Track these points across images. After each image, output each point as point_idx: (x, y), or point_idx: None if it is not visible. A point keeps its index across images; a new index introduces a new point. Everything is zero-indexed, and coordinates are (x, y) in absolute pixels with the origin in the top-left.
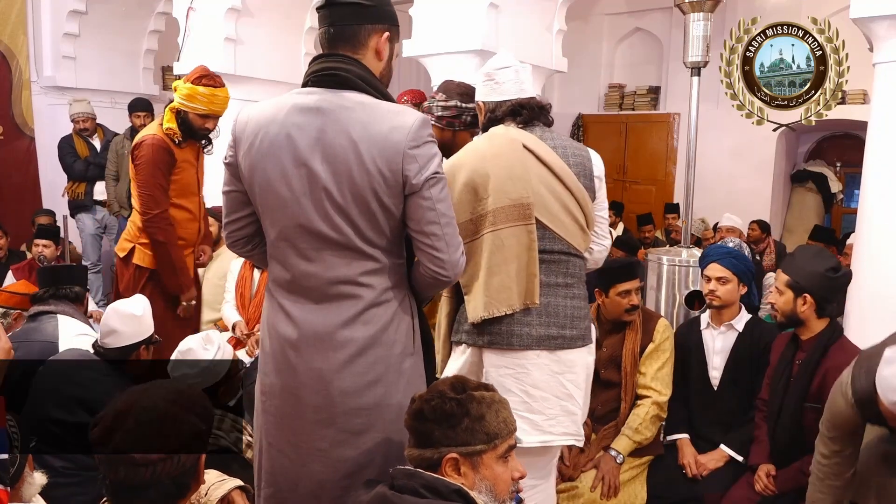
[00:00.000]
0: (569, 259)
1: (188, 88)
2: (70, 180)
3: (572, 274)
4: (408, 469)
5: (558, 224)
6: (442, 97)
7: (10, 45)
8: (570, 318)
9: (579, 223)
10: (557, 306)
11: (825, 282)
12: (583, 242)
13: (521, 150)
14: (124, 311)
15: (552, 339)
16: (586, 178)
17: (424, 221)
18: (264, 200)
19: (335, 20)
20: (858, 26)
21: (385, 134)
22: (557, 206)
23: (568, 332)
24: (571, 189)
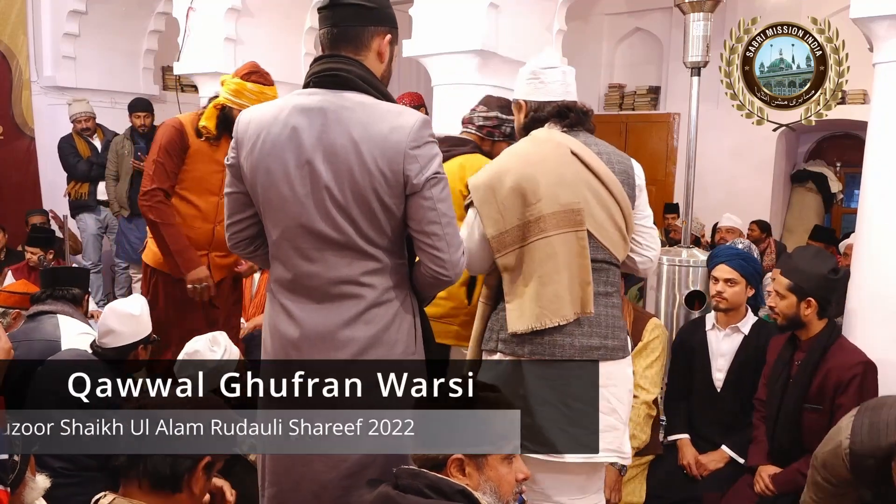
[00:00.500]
0: (609, 268)
1: (236, 84)
2: (73, 180)
3: (612, 283)
4: (412, 469)
5: (603, 233)
6: (483, 108)
7: (10, 45)
8: (611, 327)
9: (622, 232)
10: (599, 315)
11: (828, 284)
12: (623, 251)
13: (568, 155)
14: (122, 311)
15: (595, 350)
16: (629, 186)
17: (426, 221)
18: (266, 201)
19: (338, 21)
20: (858, 26)
21: (386, 134)
22: (603, 214)
23: (610, 342)
24: (616, 197)
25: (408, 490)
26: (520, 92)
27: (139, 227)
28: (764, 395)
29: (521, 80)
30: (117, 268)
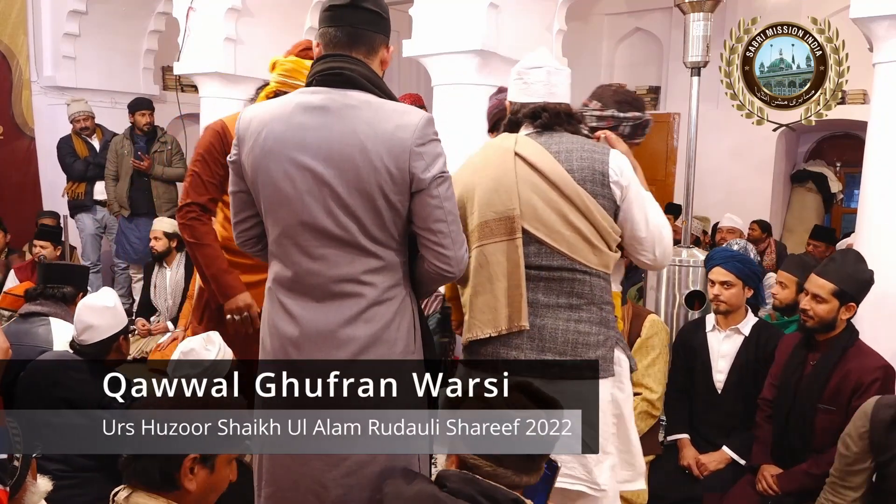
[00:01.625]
0: (574, 276)
1: (292, 62)
2: (70, 180)
3: (580, 294)
4: (463, 473)
5: (556, 237)
6: (596, 105)
7: (10, 45)
8: (571, 343)
9: (583, 235)
10: (556, 330)
11: (867, 289)
12: (594, 257)
13: (511, 158)
14: (96, 305)
15: (547, 368)
16: (594, 183)
17: (432, 219)
18: (267, 198)
19: (356, 22)
20: (858, 26)
21: (391, 132)
22: (554, 216)
23: (569, 359)
24: (570, 197)
25: (458, 495)
26: (509, 93)
27: (139, 226)
28: (770, 395)
29: (510, 80)
30: (117, 268)
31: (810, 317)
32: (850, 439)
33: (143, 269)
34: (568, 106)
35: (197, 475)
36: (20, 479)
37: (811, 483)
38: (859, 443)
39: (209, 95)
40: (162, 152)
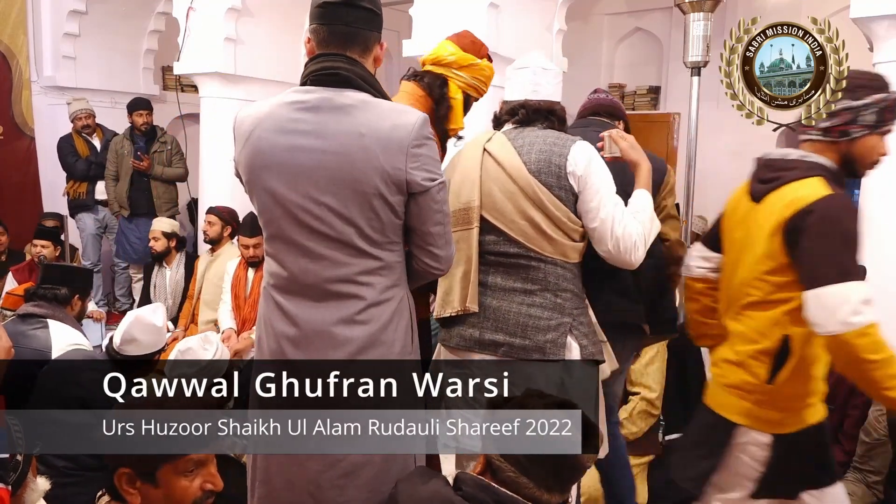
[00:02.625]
0: (530, 263)
1: (487, 68)
2: (71, 180)
3: (535, 280)
4: (479, 479)
5: (513, 227)
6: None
7: (10, 45)
8: (521, 326)
9: (536, 224)
10: (509, 312)
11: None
12: (549, 246)
13: (480, 153)
14: (148, 322)
15: (497, 346)
16: (551, 175)
17: (431, 222)
18: (261, 198)
19: (351, 21)
20: (858, 26)
21: (387, 132)
22: (511, 207)
23: (518, 340)
24: (523, 188)
25: (472, 500)
26: (504, 94)
27: (139, 227)
28: None
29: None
30: (117, 268)
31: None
32: (869, 426)
33: (142, 269)
34: (551, 103)
35: (140, 489)
36: (21, 476)
37: None
38: (879, 428)
39: (209, 95)
40: (162, 152)
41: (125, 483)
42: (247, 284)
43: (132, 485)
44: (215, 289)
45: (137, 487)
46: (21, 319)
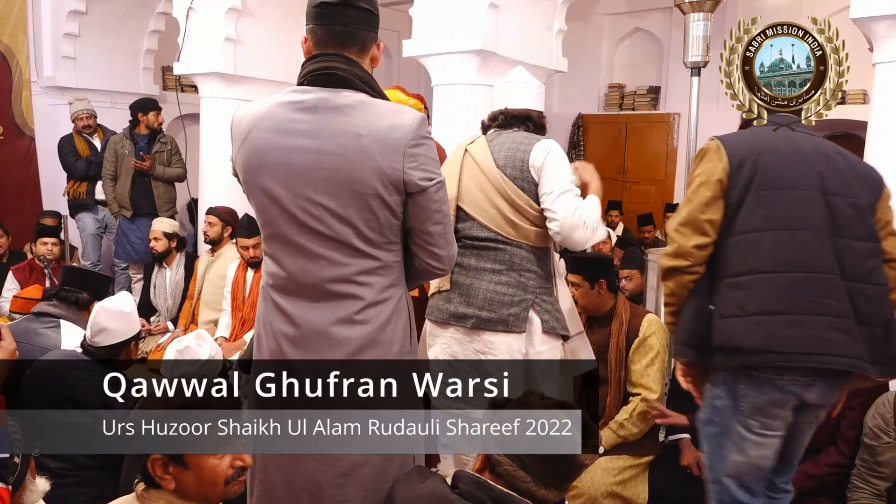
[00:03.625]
0: (498, 246)
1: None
2: (71, 180)
3: (502, 261)
4: (476, 477)
5: (483, 214)
6: None
7: (10, 45)
8: (489, 301)
9: (503, 213)
10: (479, 289)
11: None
12: (513, 231)
13: (461, 153)
14: (113, 309)
15: (467, 318)
16: (516, 168)
17: (430, 222)
18: (258, 198)
19: (349, 21)
20: (858, 26)
21: (385, 132)
22: (482, 197)
23: (485, 314)
24: (491, 181)
25: (469, 498)
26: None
27: (140, 227)
28: None
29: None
30: (117, 268)
31: None
32: (877, 430)
33: (142, 269)
34: (528, 110)
35: (174, 474)
36: (20, 477)
37: (811, 484)
38: (888, 431)
39: (209, 95)
40: (162, 152)
41: (159, 469)
42: (245, 286)
43: (165, 470)
44: (216, 289)
45: (171, 472)
46: (35, 317)
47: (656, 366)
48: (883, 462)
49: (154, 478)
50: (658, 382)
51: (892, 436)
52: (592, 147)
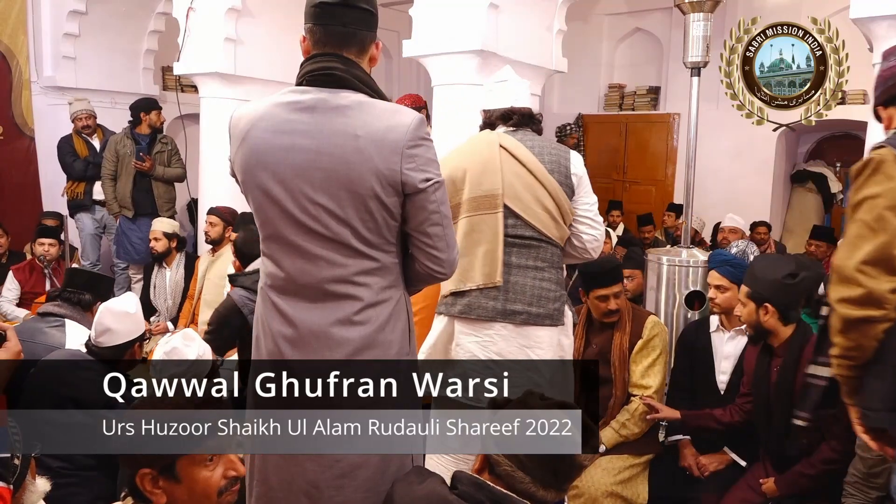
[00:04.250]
0: (540, 245)
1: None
2: (70, 180)
3: (544, 258)
4: (475, 478)
5: (530, 213)
6: None
7: (10, 45)
8: (536, 297)
9: (551, 213)
10: (525, 286)
11: (784, 289)
12: (556, 231)
13: (497, 149)
14: (118, 310)
15: (517, 315)
16: (561, 174)
17: (428, 223)
18: (256, 198)
19: (348, 22)
20: (858, 26)
21: (383, 133)
22: (529, 197)
23: (534, 309)
24: (543, 182)
25: (468, 499)
26: (482, 103)
27: (141, 227)
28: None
29: (483, 94)
30: (116, 268)
31: (742, 323)
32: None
33: (142, 269)
34: (530, 109)
35: (164, 488)
36: (20, 478)
37: (808, 483)
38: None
39: (209, 96)
40: (163, 153)
41: (148, 484)
42: None
43: (155, 485)
44: (216, 289)
45: (161, 486)
46: (40, 317)
47: (658, 367)
48: (875, 473)
49: (144, 493)
50: (659, 383)
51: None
52: (592, 147)
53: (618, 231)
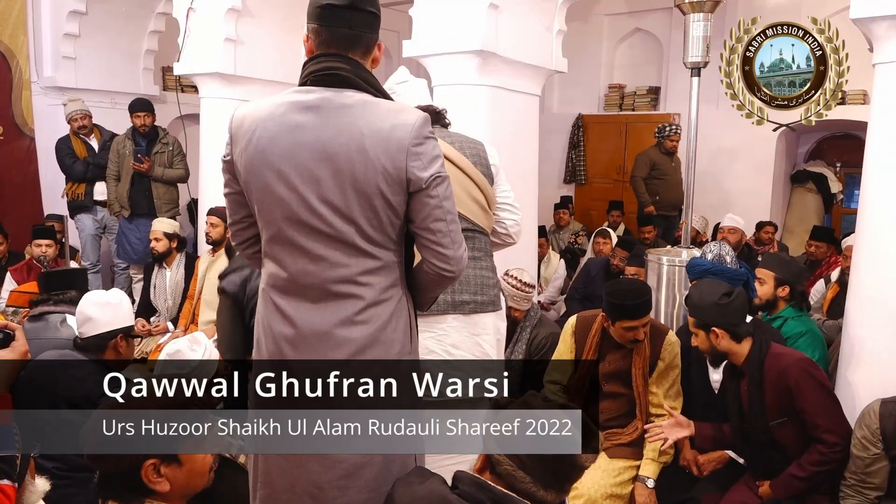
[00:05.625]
0: (474, 235)
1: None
2: (69, 181)
3: (479, 248)
4: (476, 479)
5: (462, 205)
6: None
7: (10, 45)
8: (479, 286)
9: (480, 204)
10: (468, 276)
11: (722, 310)
12: (485, 221)
13: None
14: (98, 299)
15: (465, 304)
16: (482, 165)
17: (431, 219)
18: (260, 199)
19: (354, 24)
20: (858, 26)
21: (388, 131)
22: (460, 190)
23: (479, 297)
24: (470, 175)
25: (469, 499)
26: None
27: (140, 227)
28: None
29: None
30: (117, 268)
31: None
32: (865, 441)
33: (142, 269)
34: (434, 107)
35: (166, 474)
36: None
37: (801, 485)
38: (875, 442)
39: (209, 96)
40: (163, 153)
41: (152, 474)
42: None
43: (158, 473)
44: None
45: (163, 474)
46: (36, 319)
47: (676, 385)
48: (872, 472)
49: (147, 484)
50: (678, 399)
51: (879, 447)
52: (592, 147)
53: (618, 231)
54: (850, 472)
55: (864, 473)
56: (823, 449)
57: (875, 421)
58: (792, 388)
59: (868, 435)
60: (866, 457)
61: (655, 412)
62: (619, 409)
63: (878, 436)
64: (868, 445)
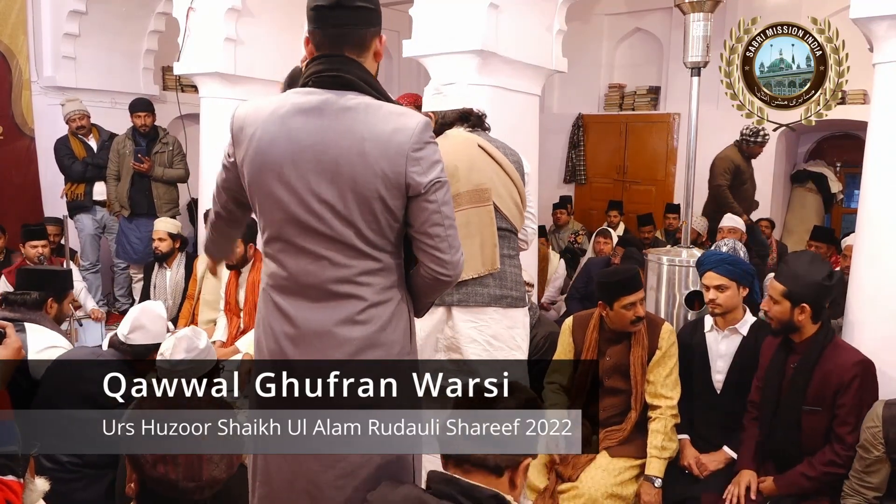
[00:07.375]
0: (510, 235)
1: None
2: (69, 181)
3: (514, 247)
4: (445, 474)
5: (506, 206)
6: None
7: (10, 45)
8: (515, 282)
9: (518, 206)
10: (506, 272)
11: (822, 290)
12: (519, 222)
13: (477, 147)
14: (154, 311)
15: (504, 299)
16: (520, 171)
17: (429, 224)
18: (262, 199)
19: (342, 22)
20: (858, 26)
21: (388, 135)
22: (505, 192)
23: (514, 293)
24: (514, 179)
25: (441, 495)
26: (427, 105)
27: (140, 227)
28: (757, 397)
29: (428, 96)
30: (116, 268)
31: (770, 318)
32: (867, 443)
33: (143, 269)
34: (476, 111)
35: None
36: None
37: (808, 484)
38: (877, 444)
39: (209, 96)
40: (163, 153)
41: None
42: (238, 290)
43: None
44: (216, 289)
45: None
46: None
47: (673, 375)
48: (871, 472)
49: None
50: (675, 387)
51: (881, 449)
52: (592, 147)
53: (618, 231)
54: (853, 471)
55: (864, 473)
56: (839, 449)
57: (877, 424)
58: (845, 384)
59: (869, 437)
60: (868, 458)
61: (653, 402)
62: (620, 405)
63: (879, 438)
64: (870, 447)
